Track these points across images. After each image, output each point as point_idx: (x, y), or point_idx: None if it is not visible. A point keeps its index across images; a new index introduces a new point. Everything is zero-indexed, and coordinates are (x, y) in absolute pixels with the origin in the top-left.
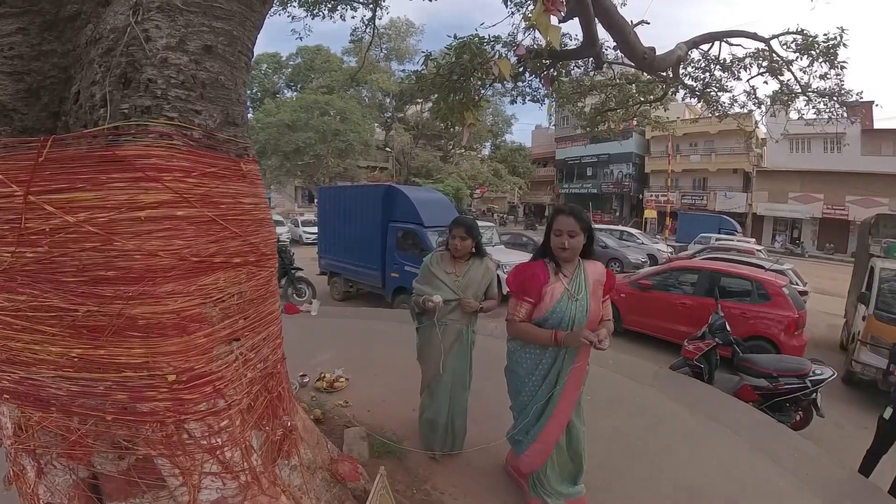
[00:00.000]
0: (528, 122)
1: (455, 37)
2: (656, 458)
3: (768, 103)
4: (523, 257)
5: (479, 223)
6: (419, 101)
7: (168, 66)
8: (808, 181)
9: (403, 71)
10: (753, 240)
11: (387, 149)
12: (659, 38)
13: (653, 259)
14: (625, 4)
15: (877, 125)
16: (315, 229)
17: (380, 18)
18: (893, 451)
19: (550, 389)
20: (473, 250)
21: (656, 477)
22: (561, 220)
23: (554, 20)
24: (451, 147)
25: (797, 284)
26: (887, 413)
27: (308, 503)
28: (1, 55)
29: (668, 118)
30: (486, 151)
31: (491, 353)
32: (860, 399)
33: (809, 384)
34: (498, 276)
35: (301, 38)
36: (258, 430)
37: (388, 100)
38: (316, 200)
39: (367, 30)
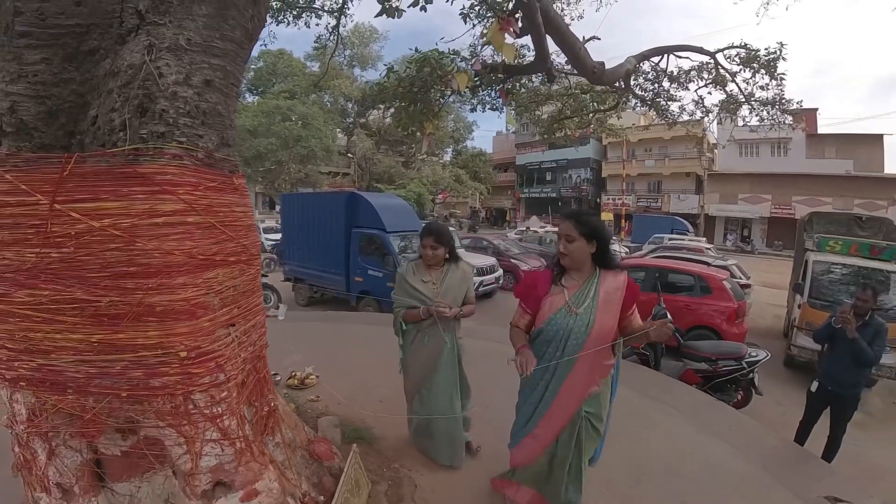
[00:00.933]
0: (490, 128)
1: (416, 49)
2: (606, 436)
3: (715, 112)
4: (486, 260)
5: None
6: (381, 106)
7: (177, 98)
8: (756, 183)
9: (365, 78)
10: (704, 239)
11: (349, 154)
12: (618, 46)
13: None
14: (582, 17)
15: (820, 130)
16: (277, 236)
17: (344, 26)
18: (824, 421)
19: (543, 391)
20: (447, 256)
21: (606, 452)
22: (560, 225)
23: (508, 38)
24: (412, 153)
25: (740, 278)
26: (813, 386)
27: (291, 476)
28: (26, 81)
29: (622, 126)
30: (447, 157)
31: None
32: (799, 379)
33: (746, 365)
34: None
35: (266, 45)
36: (248, 405)
37: (350, 105)
38: (278, 207)
39: (332, 37)
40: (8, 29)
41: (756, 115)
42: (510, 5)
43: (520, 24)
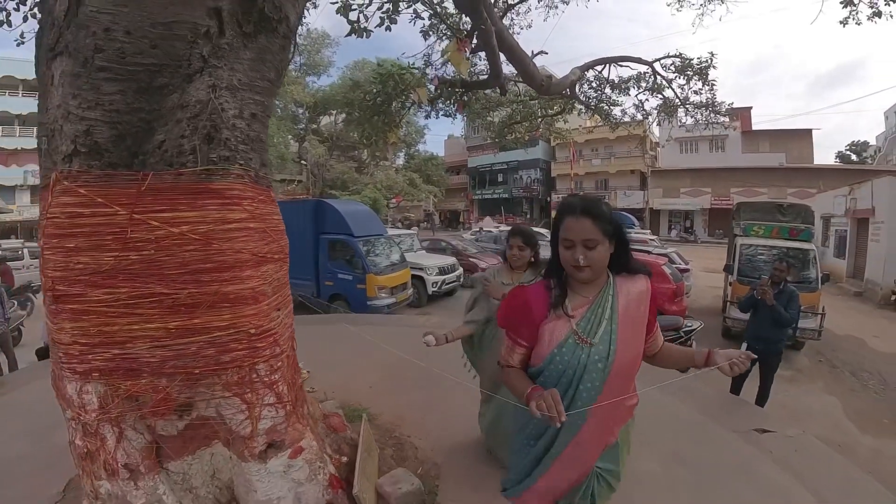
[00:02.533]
0: (440, 132)
1: (378, 63)
2: None
3: (655, 114)
4: (446, 260)
5: (400, 231)
6: (332, 112)
7: (235, 128)
8: (697, 177)
9: (318, 84)
10: (649, 231)
11: (301, 161)
12: (567, 50)
13: None
14: (531, 27)
15: (754, 127)
16: None
17: (300, 35)
18: (753, 377)
19: (550, 443)
20: (532, 260)
21: None
22: (571, 225)
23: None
24: (365, 158)
25: (679, 264)
26: (743, 347)
27: (320, 443)
28: (102, 108)
29: (569, 129)
30: (400, 161)
31: None
32: (734, 346)
33: (683, 334)
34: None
35: None
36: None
37: (301, 111)
38: None
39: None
40: (87, 62)
41: (691, 117)
42: (468, 27)
43: (474, 43)
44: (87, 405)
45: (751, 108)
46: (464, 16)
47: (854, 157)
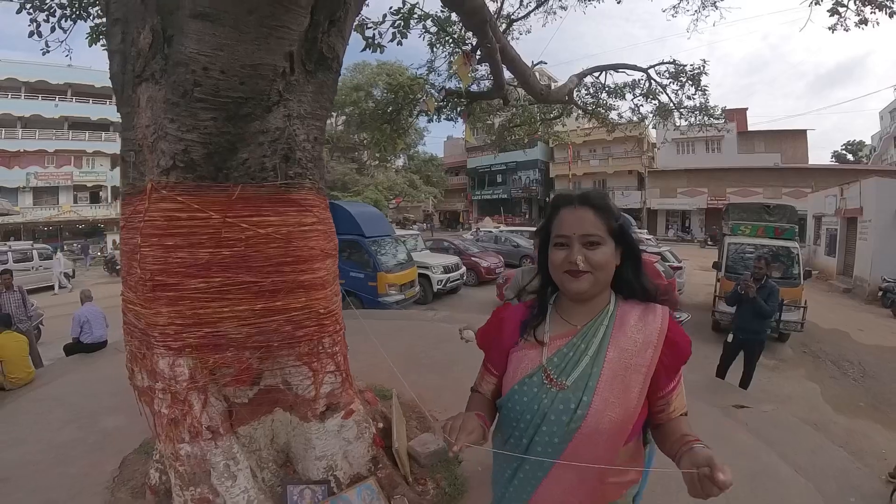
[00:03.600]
0: (440, 133)
1: (388, 74)
2: None
3: (650, 117)
4: (450, 259)
5: (406, 232)
6: (333, 113)
7: (305, 150)
8: (693, 178)
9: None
10: (645, 231)
11: None
12: (564, 50)
13: None
14: (529, 32)
15: (751, 127)
16: None
17: None
18: (738, 364)
19: (509, 483)
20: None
21: None
22: (566, 218)
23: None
24: (365, 160)
25: (672, 262)
26: (729, 338)
27: (366, 408)
28: (198, 131)
29: (567, 130)
30: (400, 163)
31: None
32: (723, 338)
33: None
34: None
35: None
36: None
37: None
38: None
39: None
40: (186, 94)
41: (685, 120)
42: (472, 40)
43: (478, 56)
44: (178, 377)
45: (746, 109)
46: (463, 25)
47: (850, 156)
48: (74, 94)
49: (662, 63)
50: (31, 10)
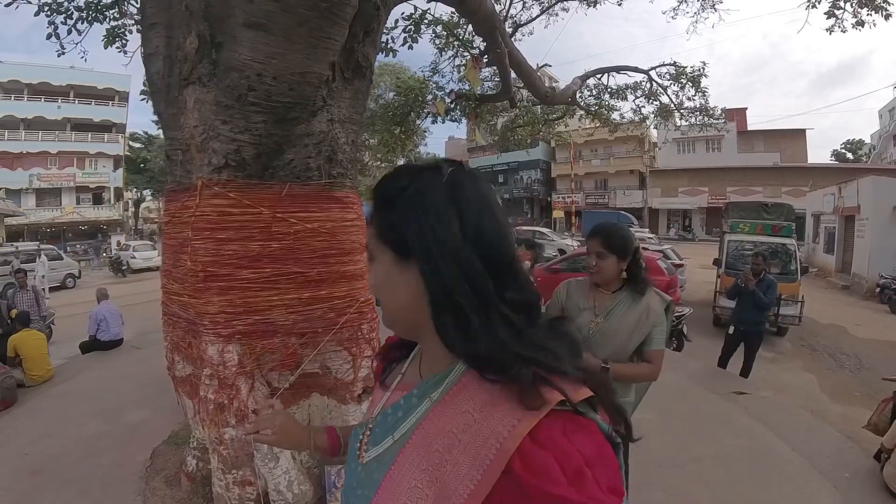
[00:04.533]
0: (441, 134)
1: (389, 75)
2: None
3: (651, 118)
4: None
5: None
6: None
7: (345, 152)
8: (694, 177)
9: None
10: (647, 230)
11: None
12: (565, 50)
13: (563, 253)
14: (532, 34)
15: (751, 127)
16: None
17: None
18: (738, 355)
19: None
20: (625, 275)
21: None
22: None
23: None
24: (367, 160)
25: (674, 259)
26: (730, 330)
27: None
28: (249, 133)
29: (568, 130)
30: (400, 162)
31: None
32: (723, 333)
33: (674, 319)
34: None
35: None
36: None
37: None
38: None
39: None
40: (240, 98)
41: (685, 120)
42: (481, 44)
43: (485, 60)
44: (227, 362)
45: (746, 108)
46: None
47: (850, 155)
48: (77, 95)
49: (663, 65)
50: (49, 13)
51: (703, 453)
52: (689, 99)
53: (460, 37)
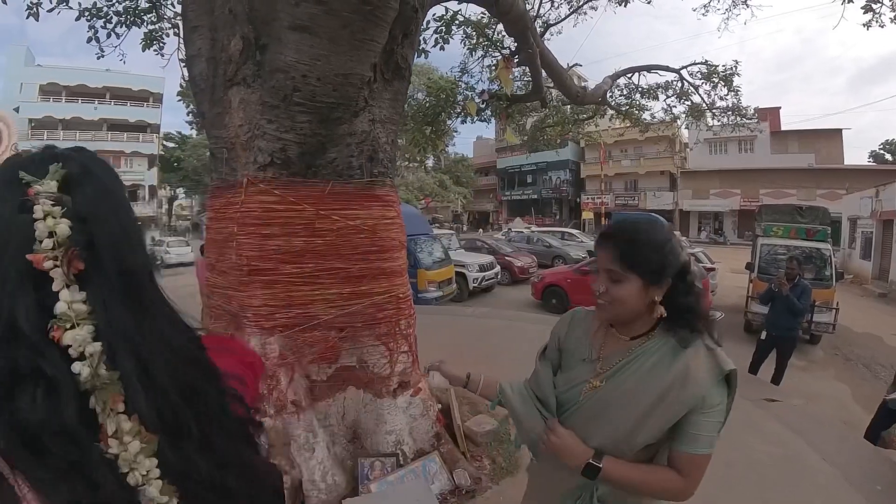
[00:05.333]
0: (469, 134)
1: (428, 78)
2: None
3: (683, 118)
4: (485, 258)
5: (442, 231)
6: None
7: (387, 152)
8: (726, 178)
9: None
10: (678, 233)
11: None
12: (593, 48)
13: (592, 255)
14: (560, 33)
15: (784, 127)
16: None
17: None
18: (770, 361)
19: None
20: (662, 310)
21: None
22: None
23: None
24: (397, 161)
25: (705, 263)
26: (763, 335)
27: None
28: (294, 132)
29: (598, 130)
30: (430, 163)
31: None
32: (754, 339)
33: None
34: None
35: None
36: None
37: None
38: None
39: None
40: (286, 98)
41: (717, 120)
42: (512, 45)
43: (516, 60)
44: (269, 354)
45: (779, 108)
46: (505, 34)
47: (888, 156)
48: (112, 97)
49: (694, 63)
50: (89, 18)
51: (734, 459)
52: (720, 98)
53: (490, 37)
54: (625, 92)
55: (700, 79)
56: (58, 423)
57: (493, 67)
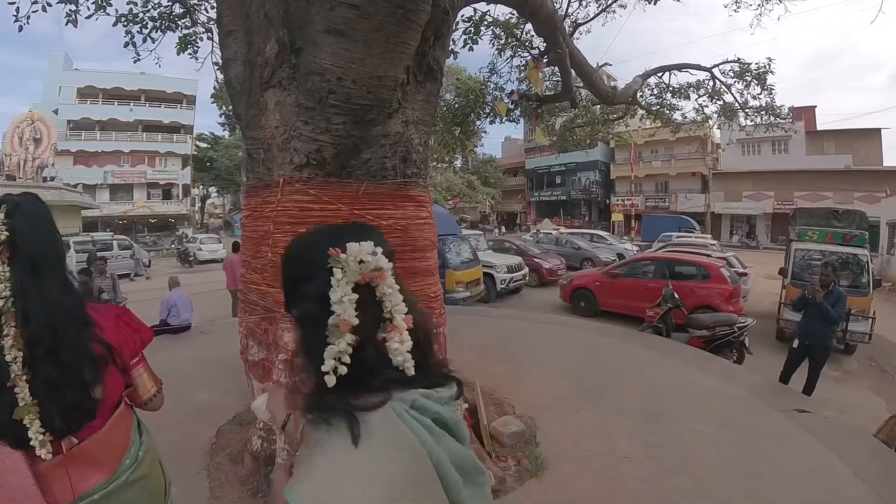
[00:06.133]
0: (498, 134)
1: (457, 78)
2: (631, 374)
3: (715, 118)
4: (513, 259)
5: (470, 232)
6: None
7: (419, 153)
8: (759, 180)
9: None
10: (710, 236)
11: None
12: (625, 46)
13: (621, 257)
14: (590, 31)
15: (819, 127)
16: None
17: None
18: (802, 370)
19: None
20: None
21: (632, 382)
22: None
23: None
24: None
25: (737, 268)
26: (795, 343)
27: None
28: (330, 133)
29: (628, 130)
30: (458, 163)
31: None
32: (787, 347)
33: (737, 329)
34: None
35: None
36: None
37: None
38: None
39: None
40: (321, 100)
41: (750, 120)
42: (541, 46)
43: (546, 60)
44: (287, 345)
45: (815, 106)
46: (534, 34)
47: None
48: (147, 99)
49: (726, 62)
50: (125, 23)
51: (760, 470)
52: (753, 97)
53: (519, 37)
54: (655, 91)
55: (732, 77)
56: None
57: (522, 68)
